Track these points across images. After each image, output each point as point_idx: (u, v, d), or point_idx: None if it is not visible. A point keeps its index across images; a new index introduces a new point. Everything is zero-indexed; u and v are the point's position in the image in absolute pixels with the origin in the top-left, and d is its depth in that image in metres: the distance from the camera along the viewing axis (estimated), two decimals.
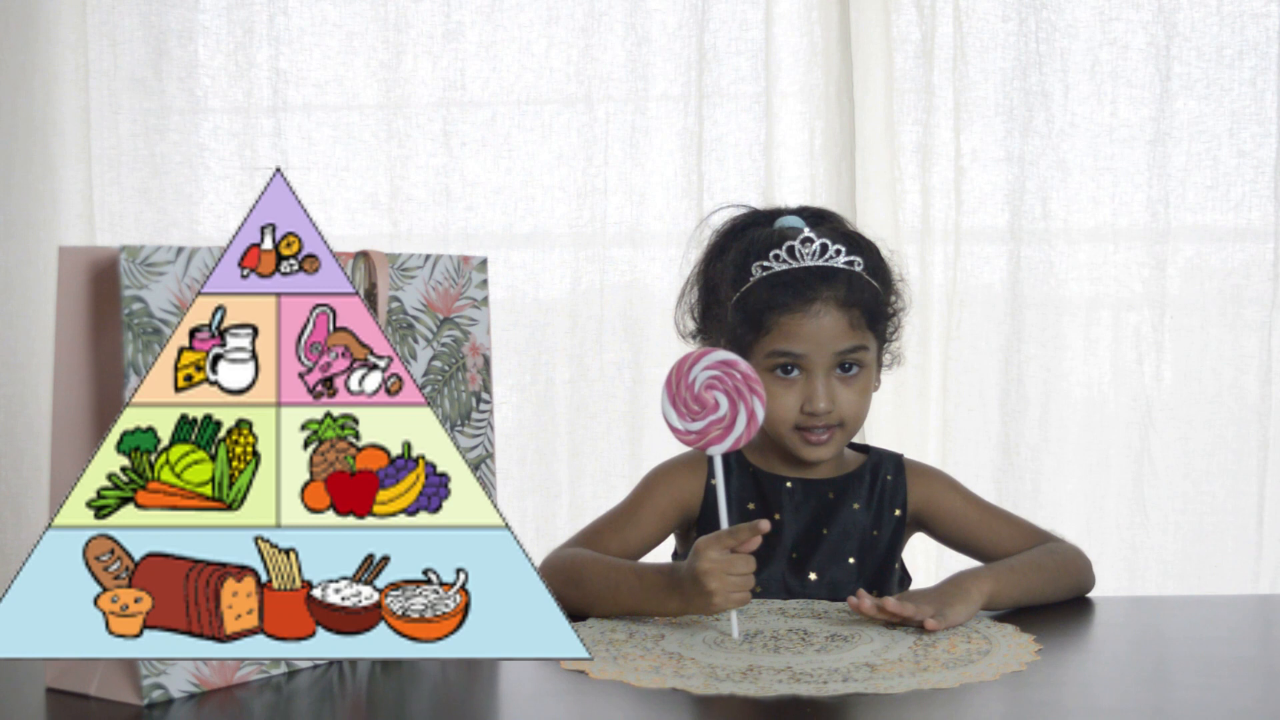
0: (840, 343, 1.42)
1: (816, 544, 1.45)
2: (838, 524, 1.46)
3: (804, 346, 1.41)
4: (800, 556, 1.45)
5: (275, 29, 2.41)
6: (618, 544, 1.44)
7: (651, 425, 2.37)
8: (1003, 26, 2.31)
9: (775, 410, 1.42)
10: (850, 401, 1.43)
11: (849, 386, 1.44)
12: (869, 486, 1.48)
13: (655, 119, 2.38)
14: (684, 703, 1.04)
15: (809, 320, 1.41)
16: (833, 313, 1.42)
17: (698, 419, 1.25)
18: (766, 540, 1.41)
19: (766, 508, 1.46)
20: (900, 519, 1.48)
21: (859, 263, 1.43)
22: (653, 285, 2.37)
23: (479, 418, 1.32)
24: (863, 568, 1.45)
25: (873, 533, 1.47)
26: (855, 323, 1.43)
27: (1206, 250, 2.32)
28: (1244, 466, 2.31)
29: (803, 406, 1.42)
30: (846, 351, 1.43)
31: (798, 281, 1.41)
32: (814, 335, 1.41)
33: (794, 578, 1.44)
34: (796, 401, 1.42)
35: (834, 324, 1.42)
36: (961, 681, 1.08)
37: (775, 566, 1.44)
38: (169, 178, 2.42)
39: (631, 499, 1.48)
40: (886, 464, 1.50)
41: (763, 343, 1.43)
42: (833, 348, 1.42)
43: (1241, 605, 1.53)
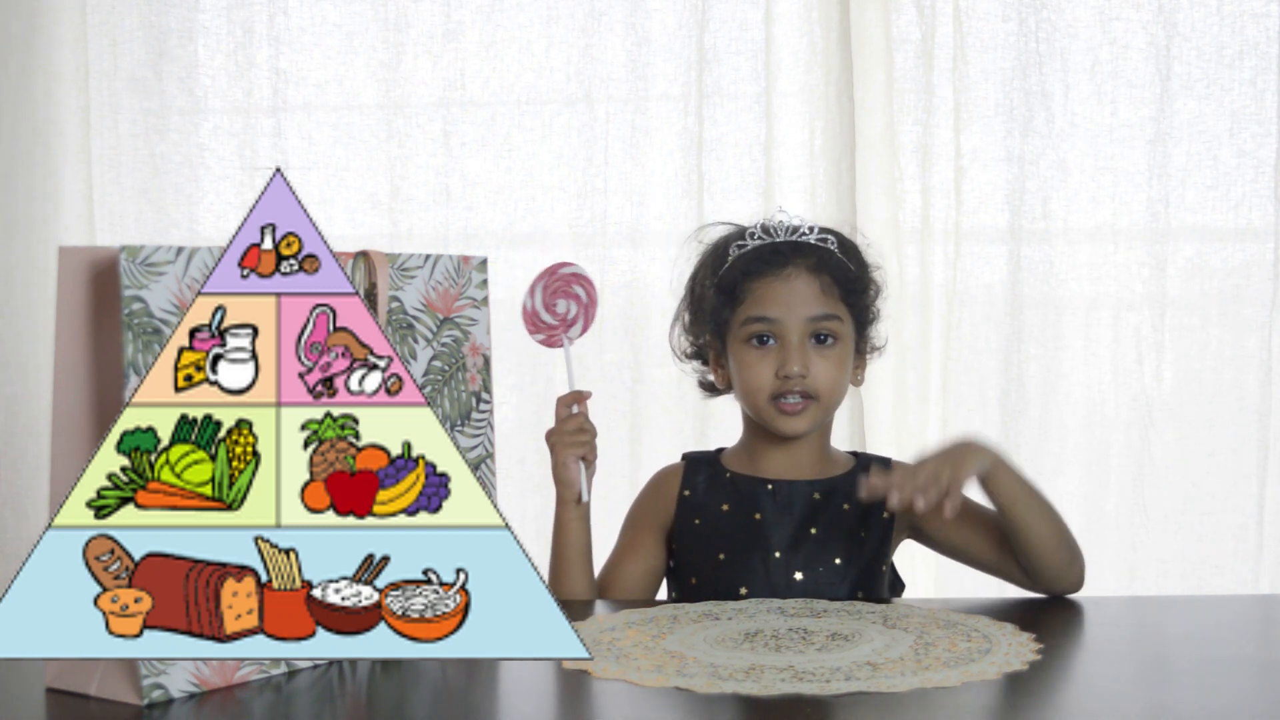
0: (812, 308, 1.45)
1: (802, 544, 1.46)
2: (824, 524, 1.47)
3: (777, 310, 1.45)
4: (785, 556, 1.45)
5: (275, 29, 2.41)
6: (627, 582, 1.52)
7: (652, 425, 2.37)
8: (1003, 26, 2.31)
9: (752, 380, 1.46)
10: (825, 372, 1.45)
11: (824, 358, 1.46)
12: (857, 488, 1.49)
13: (655, 119, 2.38)
14: (686, 702, 1.04)
15: (780, 283, 1.45)
16: (804, 276, 1.46)
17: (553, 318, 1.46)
18: (749, 539, 1.45)
19: (744, 509, 1.48)
20: (889, 520, 1.48)
21: (832, 240, 1.49)
22: (653, 285, 2.37)
23: (479, 418, 1.32)
24: (849, 568, 1.46)
25: (860, 533, 1.47)
26: (827, 289, 1.46)
27: (1206, 250, 2.31)
28: (1244, 466, 2.31)
29: (777, 372, 1.44)
30: (820, 318, 1.45)
31: (771, 252, 1.47)
32: (786, 299, 1.45)
33: (779, 577, 1.44)
34: (772, 369, 1.45)
35: (806, 288, 1.45)
36: (963, 680, 1.08)
37: (759, 565, 1.45)
38: (169, 178, 2.42)
39: (622, 542, 1.55)
40: (875, 466, 1.51)
41: (738, 313, 1.47)
42: (805, 312, 1.45)
43: (1241, 605, 1.53)
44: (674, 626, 1.26)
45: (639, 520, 1.55)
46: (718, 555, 1.47)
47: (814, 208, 2.33)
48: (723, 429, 1.75)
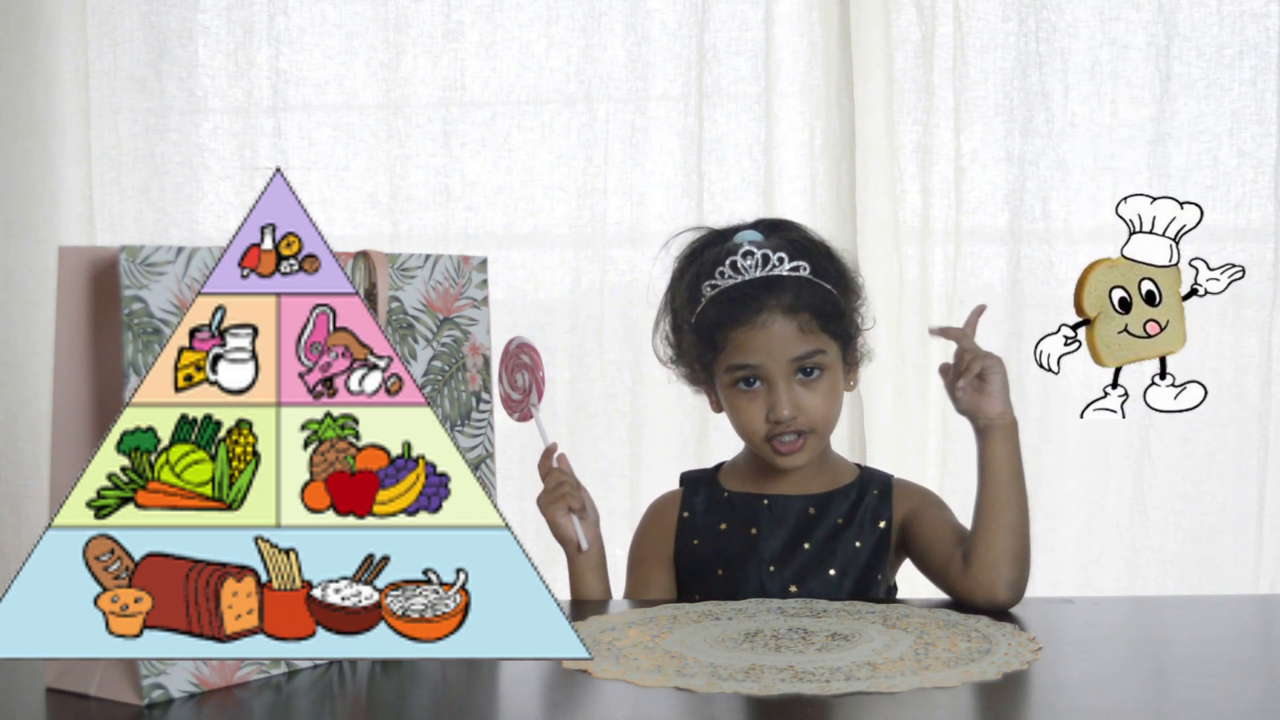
0: (793, 349, 1.43)
1: (794, 557, 1.46)
2: (818, 538, 1.47)
3: (757, 358, 1.43)
4: (779, 569, 1.45)
5: (275, 29, 2.41)
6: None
7: (652, 425, 2.38)
8: (1003, 26, 2.31)
9: (744, 424, 1.46)
10: (815, 405, 1.44)
11: (812, 391, 1.45)
12: (854, 502, 1.49)
13: (655, 119, 2.38)
14: (686, 702, 1.04)
15: (758, 332, 1.43)
16: (779, 320, 1.43)
17: (518, 393, 1.49)
18: (743, 553, 1.45)
19: (741, 525, 1.48)
20: (885, 531, 1.48)
21: (804, 267, 1.45)
22: (653, 285, 2.37)
23: (479, 418, 1.32)
24: (844, 580, 1.45)
25: (855, 544, 1.47)
26: (806, 327, 1.44)
27: (1206, 250, 2.31)
28: (1244, 466, 2.31)
29: (767, 416, 1.43)
30: (802, 357, 1.44)
31: (742, 295, 1.44)
32: (765, 345, 1.43)
33: (774, 590, 1.45)
34: (761, 411, 1.44)
35: (783, 331, 1.43)
36: (963, 680, 1.08)
37: (753, 579, 1.45)
38: (169, 178, 2.42)
39: (631, 580, 1.55)
40: (875, 481, 1.51)
41: (720, 360, 1.46)
42: (786, 355, 1.43)
43: (1241, 605, 1.53)
44: (674, 626, 1.26)
45: (643, 556, 1.55)
46: (716, 571, 1.48)
47: (814, 208, 2.33)
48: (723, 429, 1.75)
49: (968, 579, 1.35)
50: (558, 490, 1.47)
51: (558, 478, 1.47)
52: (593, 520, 1.49)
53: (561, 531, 1.48)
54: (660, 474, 2.26)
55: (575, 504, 1.47)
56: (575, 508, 1.47)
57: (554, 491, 1.47)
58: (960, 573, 1.37)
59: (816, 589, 1.44)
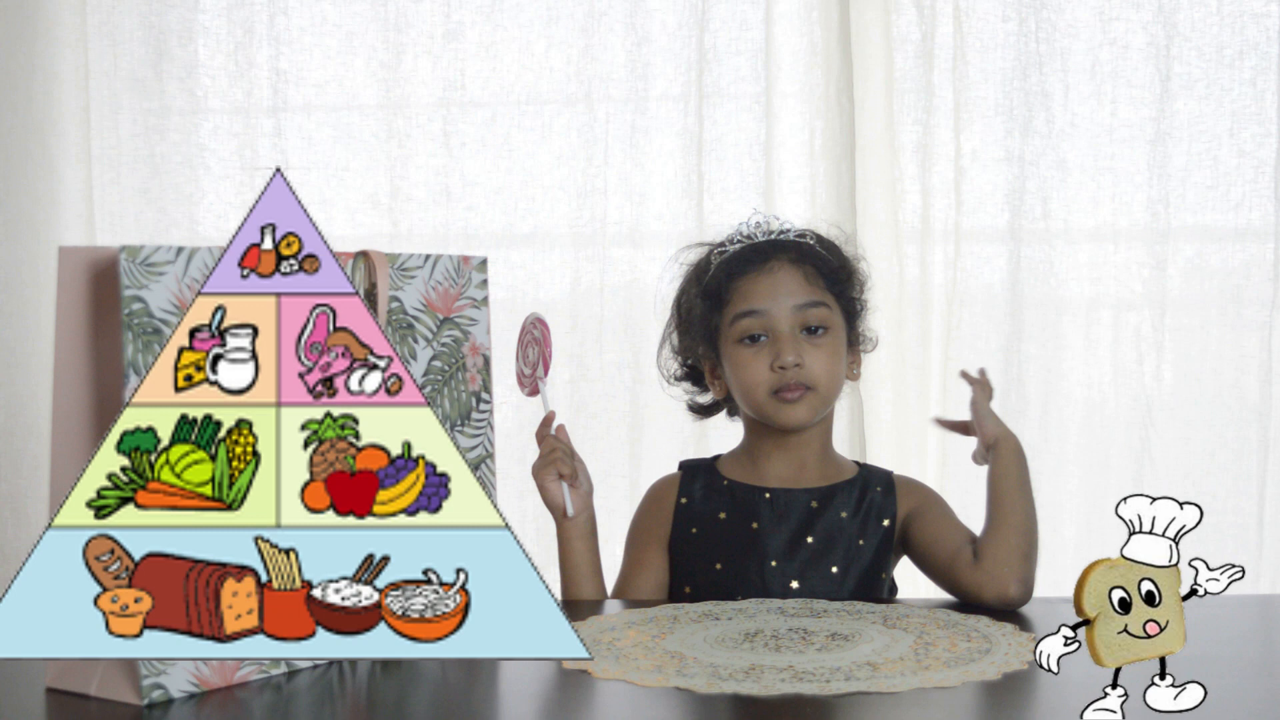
0: (798, 296, 1.46)
1: (798, 552, 1.46)
2: (821, 532, 1.46)
3: (764, 302, 1.46)
4: (781, 564, 1.45)
5: (275, 29, 2.41)
6: (639, 597, 1.51)
7: (652, 425, 2.37)
8: (1003, 26, 2.31)
9: (749, 377, 1.46)
10: (819, 361, 1.46)
11: (817, 348, 1.46)
12: (857, 498, 1.48)
13: (655, 119, 2.38)
14: (686, 702, 1.04)
15: (764, 277, 1.47)
16: (787, 268, 1.48)
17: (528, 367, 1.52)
18: (746, 547, 1.45)
19: (742, 517, 1.48)
20: (889, 529, 1.48)
21: (810, 236, 1.52)
22: (653, 285, 2.37)
23: (479, 418, 1.32)
24: (846, 577, 1.45)
25: (858, 541, 1.47)
26: (811, 278, 1.48)
27: (1206, 250, 2.31)
28: (1244, 466, 2.31)
29: (772, 365, 1.44)
30: (807, 305, 1.46)
31: (751, 250, 1.50)
32: (771, 290, 1.46)
33: (776, 586, 1.44)
34: (766, 363, 1.46)
35: (789, 278, 1.47)
36: (963, 680, 1.08)
37: (755, 574, 1.45)
38: (169, 178, 2.42)
39: (628, 559, 1.55)
40: (876, 478, 1.51)
41: (726, 313, 1.48)
42: (792, 301, 1.46)
43: (1242, 605, 1.53)
44: (674, 627, 1.26)
45: (641, 536, 1.55)
46: (714, 564, 1.48)
47: (814, 208, 2.33)
48: (723, 429, 1.75)
49: (979, 572, 1.36)
50: (550, 456, 1.48)
51: (551, 444, 1.49)
52: (585, 490, 1.50)
53: (550, 497, 1.49)
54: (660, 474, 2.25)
55: (565, 469, 1.48)
56: (565, 473, 1.48)
57: (547, 457, 1.49)
58: (970, 567, 1.37)
59: (818, 584, 1.44)
